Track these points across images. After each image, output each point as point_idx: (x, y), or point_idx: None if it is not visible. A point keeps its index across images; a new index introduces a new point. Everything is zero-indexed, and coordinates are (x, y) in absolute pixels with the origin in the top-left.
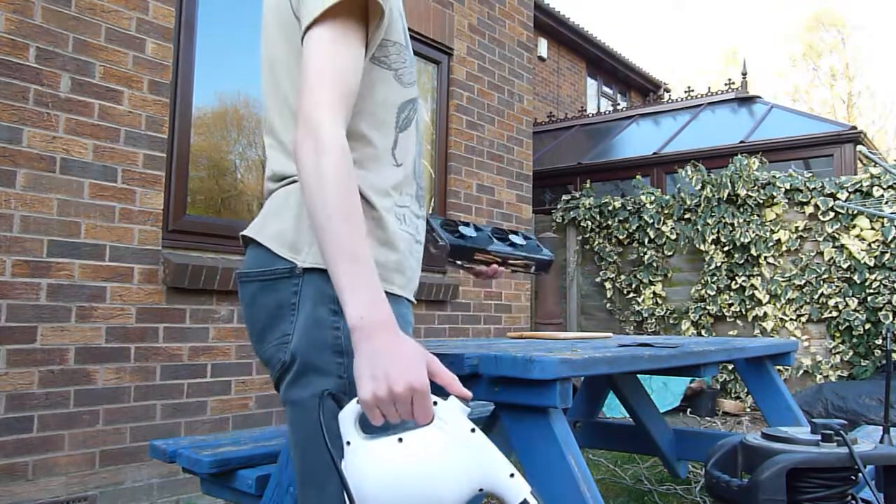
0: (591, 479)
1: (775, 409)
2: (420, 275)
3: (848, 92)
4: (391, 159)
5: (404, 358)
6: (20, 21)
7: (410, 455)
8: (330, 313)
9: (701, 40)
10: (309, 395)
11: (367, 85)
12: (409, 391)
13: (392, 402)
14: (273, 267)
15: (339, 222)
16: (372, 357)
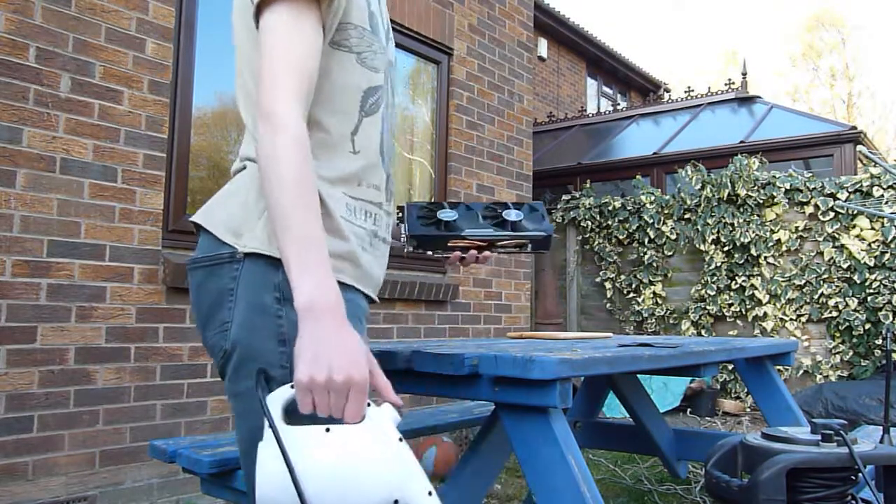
0: (591, 479)
1: (775, 409)
2: (384, 273)
3: (848, 92)
4: (348, 146)
5: (349, 349)
6: (20, 21)
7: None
8: (274, 301)
9: (701, 40)
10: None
11: (324, 69)
12: (347, 383)
13: (327, 389)
14: (216, 252)
15: (293, 204)
16: (316, 341)
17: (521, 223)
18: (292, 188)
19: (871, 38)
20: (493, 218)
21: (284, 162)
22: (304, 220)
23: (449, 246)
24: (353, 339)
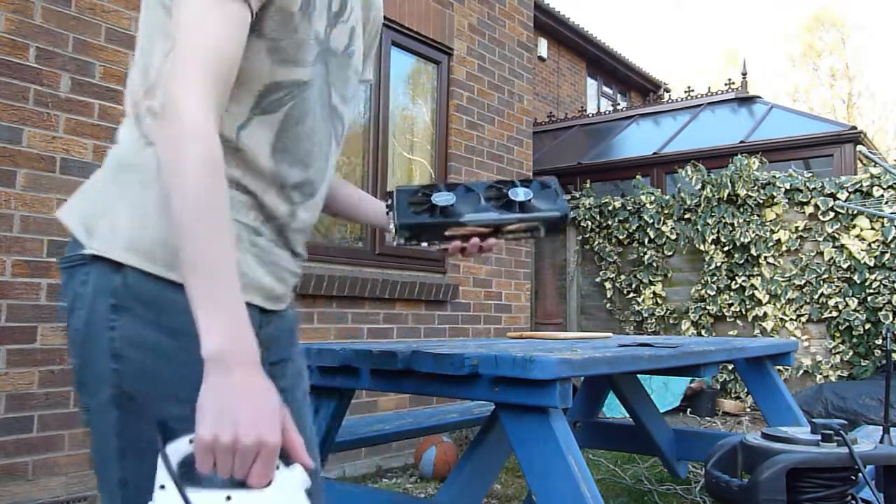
0: (591, 479)
1: (775, 409)
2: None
3: (848, 92)
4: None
5: (262, 406)
6: (20, 21)
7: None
8: (109, 309)
9: (701, 40)
10: (95, 402)
11: None
12: (257, 445)
13: (233, 452)
14: (73, 253)
15: (199, 228)
16: (224, 394)
17: (530, 203)
18: (199, 207)
19: (871, 38)
20: (497, 199)
21: (191, 173)
22: (214, 249)
23: (446, 235)
24: (268, 394)
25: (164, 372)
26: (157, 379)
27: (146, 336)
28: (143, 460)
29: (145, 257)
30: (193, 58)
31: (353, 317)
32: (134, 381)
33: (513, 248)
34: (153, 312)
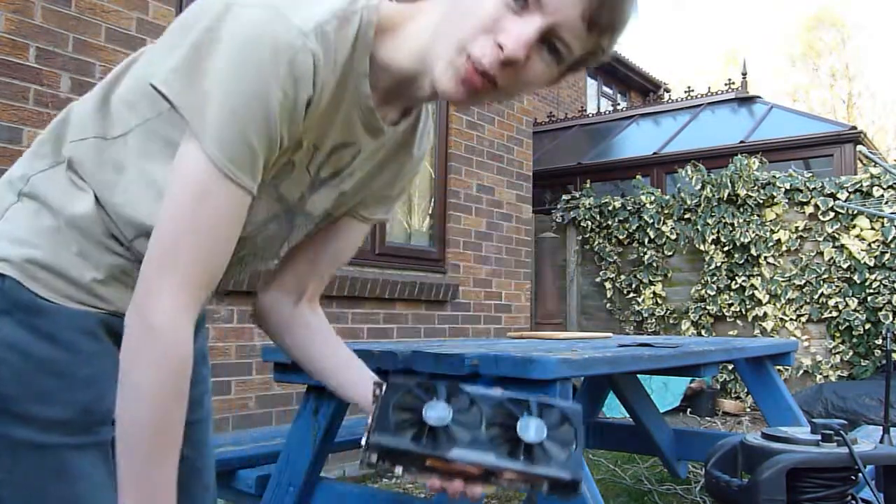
0: (591, 479)
1: (775, 409)
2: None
3: (848, 92)
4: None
5: None
6: (20, 21)
7: None
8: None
9: (701, 40)
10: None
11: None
12: None
13: None
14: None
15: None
16: None
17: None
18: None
19: (871, 38)
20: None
21: (147, 387)
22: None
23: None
24: None
25: (39, 375)
26: (32, 381)
27: (22, 340)
28: (16, 459)
29: (26, 274)
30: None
31: (353, 317)
32: (7, 383)
33: (513, 248)
34: (31, 318)
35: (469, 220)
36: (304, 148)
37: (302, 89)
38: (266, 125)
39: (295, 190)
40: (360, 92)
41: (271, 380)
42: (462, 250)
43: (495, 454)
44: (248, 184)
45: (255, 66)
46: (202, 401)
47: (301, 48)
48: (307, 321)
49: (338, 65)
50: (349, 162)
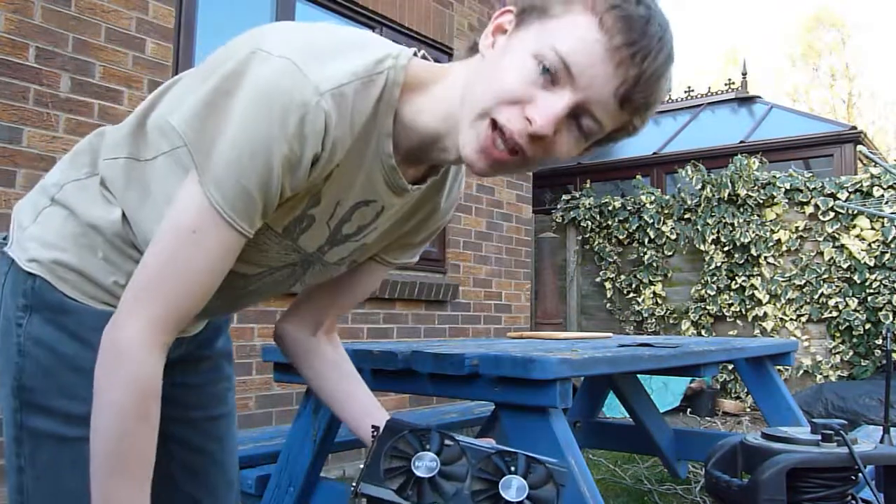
0: (591, 479)
1: (775, 409)
2: None
3: (848, 92)
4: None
5: None
6: (20, 21)
7: None
8: (20, 308)
9: (701, 40)
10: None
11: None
12: None
13: None
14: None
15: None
16: None
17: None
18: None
19: (871, 38)
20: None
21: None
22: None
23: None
24: None
25: (63, 371)
26: (55, 376)
27: (50, 336)
28: (37, 450)
29: (54, 275)
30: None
31: (353, 317)
32: (33, 376)
33: (513, 248)
34: (59, 316)
35: (469, 220)
36: (324, 204)
37: (309, 147)
38: (267, 177)
39: (313, 243)
40: (382, 151)
41: (271, 380)
42: (462, 250)
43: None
44: (242, 227)
45: (265, 119)
46: (225, 397)
47: (314, 108)
48: (322, 351)
49: (356, 125)
50: (373, 219)
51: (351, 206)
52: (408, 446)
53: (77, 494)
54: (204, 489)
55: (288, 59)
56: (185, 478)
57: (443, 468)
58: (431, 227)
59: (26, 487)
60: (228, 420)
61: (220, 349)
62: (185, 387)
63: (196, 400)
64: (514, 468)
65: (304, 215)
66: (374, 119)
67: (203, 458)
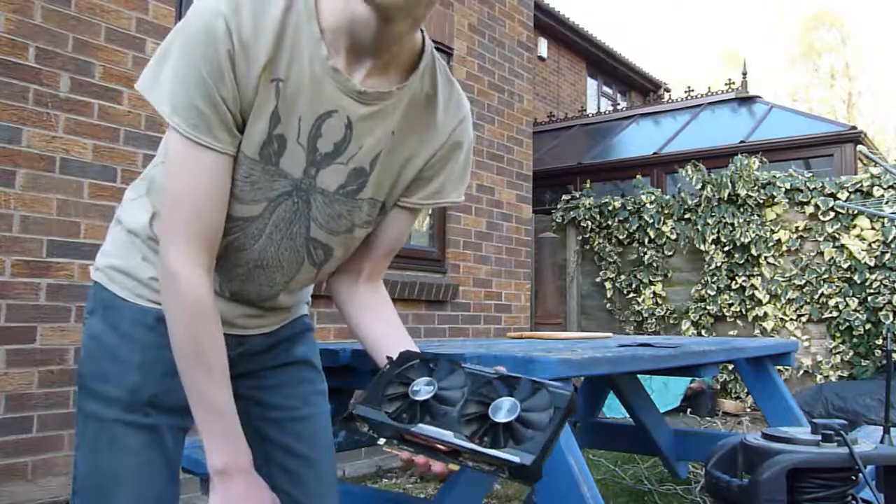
0: (591, 479)
1: (775, 409)
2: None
3: (848, 92)
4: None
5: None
6: (20, 21)
7: None
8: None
9: (701, 40)
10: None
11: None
12: None
13: None
14: None
15: (187, 371)
16: (229, 499)
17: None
18: (185, 356)
19: (871, 38)
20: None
21: (178, 324)
22: (202, 386)
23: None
24: (262, 492)
25: (104, 358)
26: (100, 363)
27: (101, 330)
28: (86, 429)
29: (107, 277)
30: (179, 212)
31: None
32: (86, 364)
33: (513, 248)
34: (108, 313)
35: (469, 220)
36: (285, 122)
37: (221, 49)
38: (205, 90)
39: (296, 166)
40: (319, 56)
41: None
42: (462, 250)
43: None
44: (210, 142)
45: (187, 44)
46: (309, 399)
47: (213, 17)
48: (359, 298)
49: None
50: (346, 135)
51: (314, 120)
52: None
53: (110, 473)
54: (299, 488)
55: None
56: (280, 476)
57: (440, 392)
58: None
59: (77, 462)
60: (315, 421)
61: (300, 356)
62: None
63: (276, 400)
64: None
65: (271, 136)
66: (295, 26)
67: (293, 458)
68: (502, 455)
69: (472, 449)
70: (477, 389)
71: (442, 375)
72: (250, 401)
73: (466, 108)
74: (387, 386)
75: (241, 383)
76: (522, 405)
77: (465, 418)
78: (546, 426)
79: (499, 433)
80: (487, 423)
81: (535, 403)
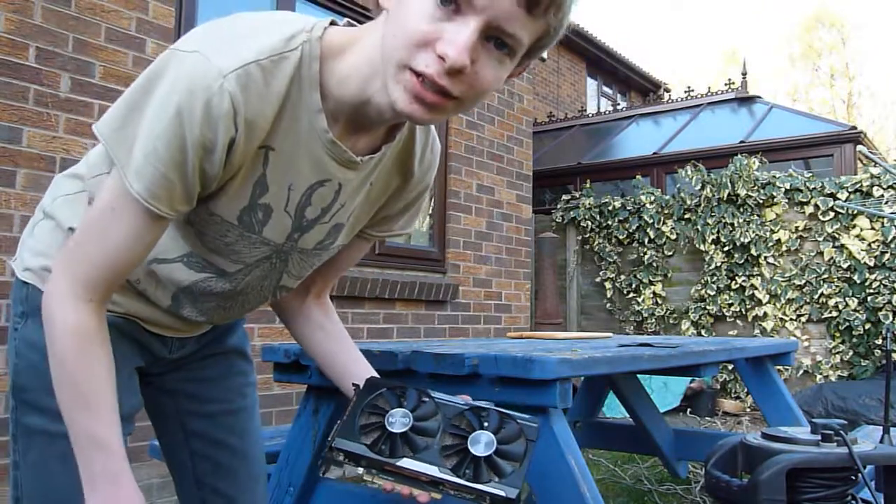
0: (591, 479)
1: (775, 409)
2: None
3: (848, 92)
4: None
5: None
6: (20, 21)
7: None
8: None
9: (701, 40)
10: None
11: None
12: None
13: None
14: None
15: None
16: None
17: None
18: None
19: (871, 38)
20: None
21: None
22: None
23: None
24: None
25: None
26: (45, 375)
27: (40, 337)
28: (30, 446)
29: (43, 280)
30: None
31: (353, 317)
32: (26, 375)
33: (513, 248)
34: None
35: (469, 220)
36: (274, 191)
37: (221, 130)
38: (182, 162)
39: (280, 233)
40: (316, 128)
41: (271, 380)
42: (462, 250)
43: (439, 467)
44: (164, 211)
45: (175, 109)
46: (243, 391)
47: (218, 91)
48: (310, 315)
49: (273, 104)
50: (334, 198)
51: (305, 189)
52: (385, 403)
53: (66, 489)
54: (229, 482)
55: (198, 51)
56: (209, 471)
57: (416, 423)
58: (410, 195)
59: (20, 482)
60: (248, 414)
61: (232, 345)
62: (199, 381)
63: (211, 393)
64: (486, 424)
65: (255, 204)
66: (296, 96)
67: (226, 452)
68: (489, 490)
69: (457, 483)
70: (451, 421)
71: (413, 405)
72: (181, 395)
73: (438, 150)
74: (359, 417)
75: (171, 377)
76: (497, 437)
77: (446, 452)
78: (522, 458)
79: (481, 466)
80: (468, 456)
81: (507, 435)
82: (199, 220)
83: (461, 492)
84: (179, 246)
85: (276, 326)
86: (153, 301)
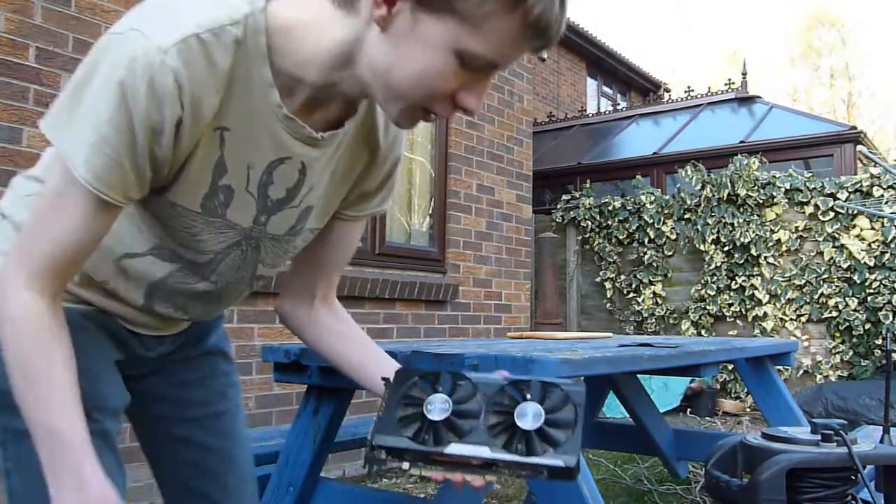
0: (592, 479)
1: (775, 409)
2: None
3: (848, 92)
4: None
5: None
6: (20, 21)
7: None
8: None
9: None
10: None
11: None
12: None
13: None
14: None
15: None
16: None
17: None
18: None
19: (871, 38)
20: (502, 415)
21: (9, 349)
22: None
23: (431, 459)
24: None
25: None
26: None
27: None
28: (20, 451)
29: None
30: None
31: (353, 317)
32: (3, 379)
33: (513, 248)
34: None
35: (469, 220)
36: (233, 171)
37: (167, 108)
38: (131, 146)
39: (245, 216)
40: (270, 103)
41: (271, 380)
42: (462, 250)
43: (490, 447)
44: (117, 199)
45: (118, 91)
46: (226, 393)
47: (160, 67)
48: (324, 321)
49: (219, 78)
50: (300, 178)
51: (265, 167)
52: (420, 392)
53: None
54: (216, 486)
55: (134, 28)
56: (194, 476)
57: (456, 408)
58: (383, 169)
59: (14, 489)
60: (232, 416)
61: (212, 346)
62: (180, 385)
63: (194, 396)
64: (528, 395)
65: (216, 187)
66: (245, 71)
67: (211, 455)
68: (546, 461)
69: (512, 461)
70: (492, 399)
71: (449, 389)
72: (163, 400)
73: None
74: (396, 409)
75: (151, 381)
76: (544, 407)
77: (493, 431)
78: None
79: (532, 440)
80: (517, 431)
81: (553, 403)
82: (163, 212)
83: (517, 469)
84: (146, 239)
85: (276, 326)
86: (126, 301)
